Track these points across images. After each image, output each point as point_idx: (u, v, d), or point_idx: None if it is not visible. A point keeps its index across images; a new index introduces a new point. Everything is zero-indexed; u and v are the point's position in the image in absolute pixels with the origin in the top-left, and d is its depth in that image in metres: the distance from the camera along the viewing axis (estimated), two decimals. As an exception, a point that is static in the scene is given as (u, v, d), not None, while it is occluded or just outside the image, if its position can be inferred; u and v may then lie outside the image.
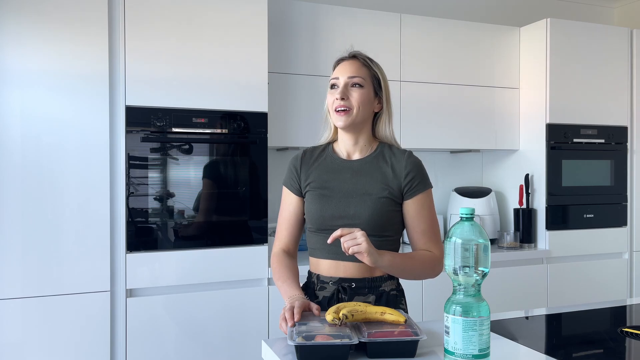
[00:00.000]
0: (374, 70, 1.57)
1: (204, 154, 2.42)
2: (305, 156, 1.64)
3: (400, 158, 1.57)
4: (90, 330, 2.23)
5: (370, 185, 1.54)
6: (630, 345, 1.41)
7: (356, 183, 1.55)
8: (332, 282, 1.54)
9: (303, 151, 1.66)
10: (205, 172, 2.42)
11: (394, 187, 1.54)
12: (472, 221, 1.15)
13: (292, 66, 2.75)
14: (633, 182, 3.31)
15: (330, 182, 1.57)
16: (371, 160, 1.58)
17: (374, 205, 1.51)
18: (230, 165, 2.47)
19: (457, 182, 3.49)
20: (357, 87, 1.53)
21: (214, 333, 2.40)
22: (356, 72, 1.54)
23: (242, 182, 2.48)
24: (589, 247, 3.17)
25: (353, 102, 1.52)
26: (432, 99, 3.04)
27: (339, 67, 1.57)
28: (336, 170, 1.58)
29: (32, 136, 2.16)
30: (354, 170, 1.57)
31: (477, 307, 1.11)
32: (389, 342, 1.21)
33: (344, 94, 1.52)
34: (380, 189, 1.53)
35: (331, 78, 1.58)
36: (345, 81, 1.53)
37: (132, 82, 2.30)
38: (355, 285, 1.53)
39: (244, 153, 2.48)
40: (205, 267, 2.39)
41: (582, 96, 3.17)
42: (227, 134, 2.45)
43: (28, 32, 2.16)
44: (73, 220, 2.21)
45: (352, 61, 1.57)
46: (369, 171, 1.56)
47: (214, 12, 2.43)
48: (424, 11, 3.38)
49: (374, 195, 1.52)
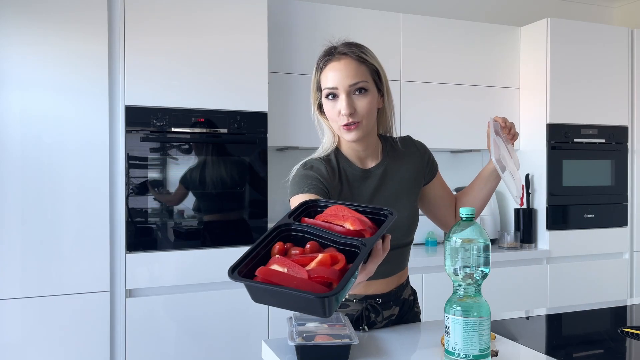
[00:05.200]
0: (371, 63, 1.33)
1: (203, 153, 2.42)
2: (328, 165, 1.37)
3: (411, 148, 1.49)
4: (90, 330, 2.23)
5: (399, 193, 1.44)
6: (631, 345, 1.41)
7: (384, 193, 1.42)
8: (357, 299, 1.42)
9: (318, 162, 1.37)
10: (205, 172, 2.42)
11: (418, 184, 1.49)
12: (472, 221, 1.15)
13: (292, 66, 2.75)
14: (633, 182, 3.31)
15: (358, 197, 1.39)
16: (388, 164, 1.45)
17: (409, 212, 1.44)
18: (230, 165, 2.46)
19: (457, 182, 3.49)
20: (361, 94, 1.31)
21: (213, 333, 2.40)
22: (356, 76, 1.30)
23: (242, 182, 2.47)
24: (589, 247, 3.17)
25: (361, 113, 1.30)
26: (432, 99, 3.04)
27: (333, 73, 1.31)
28: (360, 183, 1.40)
29: (32, 136, 2.16)
30: (377, 179, 1.42)
31: (477, 307, 1.11)
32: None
33: (350, 108, 1.29)
34: (410, 193, 1.46)
35: (325, 87, 1.32)
36: (346, 90, 1.29)
37: (131, 82, 2.29)
38: (381, 301, 1.44)
39: (244, 153, 2.48)
40: (205, 267, 2.39)
41: (582, 96, 3.17)
42: (227, 134, 2.45)
43: (28, 32, 2.15)
44: (73, 220, 2.21)
45: (346, 61, 1.30)
46: (392, 177, 1.44)
47: (214, 12, 2.43)
48: (424, 11, 3.37)
49: (406, 202, 1.44)
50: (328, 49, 1.36)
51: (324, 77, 1.33)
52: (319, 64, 1.36)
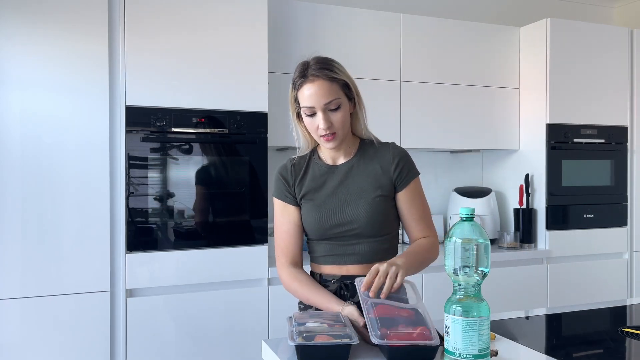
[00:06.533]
0: (341, 79, 1.49)
1: (204, 154, 2.42)
2: (295, 167, 1.61)
3: (385, 152, 1.58)
4: (90, 330, 2.23)
5: (362, 187, 1.54)
6: (630, 345, 1.41)
7: (348, 187, 1.55)
8: (335, 279, 1.56)
9: (290, 162, 1.63)
10: (205, 172, 2.42)
11: (385, 182, 1.55)
12: (472, 221, 1.15)
13: (292, 66, 2.72)
14: (633, 182, 3.31)
15: (321, 190, 1.56)
16: (357, 161, 1.58)
17: (370, 206, 1.52)
18: (230, 165, 2.46)
19: (457, 182, 3.49)
20: (335, 111, 1.48)
21: (214, 333, 2.40)
22: (328, 95, 1.46)
23: (242, 182, 2.48)
24: (589, 247, 3.17)
25: (337, 125, 1.49)
26: (432, 99, 3.04)
27: (308, 94, 1.47)
28: (325, 178, 1.58)
29: (32, 136, 2.16)
30: (342, 174, 1.57)
31: (477, 307, 1.11)
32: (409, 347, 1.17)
33: (327, 123, 1.47)
34: (373, 188, 1.54)
35: (304, 106, 1.49)
36: (322, 108, 1.47)
37: (132, 82, 2.30)
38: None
39: (244, 153, 2.48)
40: (205, 267, 2.39)
41: (582, 96, 3.17)
42: (227, 134, 2.45)
43: (28, 32, 2.15)
44: (73, 220, 2.21)
45: (319, 83, 1.46)
46: (357, 172, 1.56)
47: (214, 12, 2.43)
48: (424, 11, 3.38)
49: (367, 196, 1.53)
50: (301, 70, 1.51)
51: (301, 95, 1.50)
52: (295, 82, 1.52)
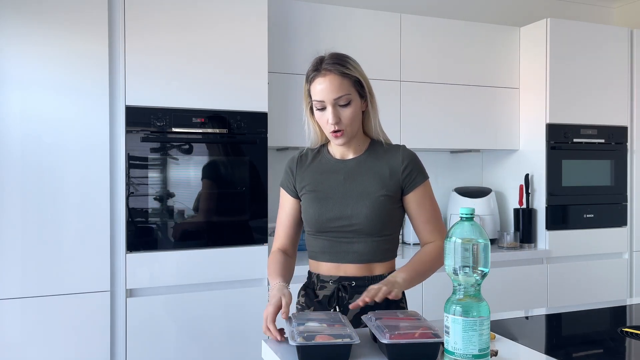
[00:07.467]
0: (353, 75, 1.50)
1: (204, 154, 2.42)
2: (302, 158, 1.64)
3: (395, 153, 1.57)
4: (90, 330, 2.23)
5: (367, 185, 1.54)
6: (630, 345, 1.41)
7: (352, 183, 1.55)
8: (332, 281, 1.56)
9: (299, 153, 1.66)
10: (205, 172, 2.42)
11: (392, 184, 1.54)
12: (472, 221, 1.15)
13: (292, 66, 2.75)
14: (633, 182, 3.31)
15: (325, 183, 1.57)
16: (365, 158, 1.58)
17: (372, 204, 1.52)
18: (230, 165, 2.47)
19: (457, 182, 3.49)
20: (345, 107, 1.49)
21: (214, 333, 2.40)
22: (339, 90, 1.47)
23: (242, 182, 2.48)
24: (589, 247, 3.17)
25: (345, 122, 1.49)
26: (432, 99, 3.04)
27: (319, 89, 1.48)
28: (331, 172, 1.58)
29: (32, 136, 2.16)
30: (349, 170, 1.57)
31: (477, 307, 1.11)
32: (411, 344, 1.18)
33: (336, 118, 1.48)
34: (378, 187, 1.54)
35: (315, 100, 1.50)
36: (332, 103, 1.48)
37: (132, 82, 2.30)
38: (355, 284, 1.54)
39: (244, 153, 2.48)
40: (205, 267, 2.39)
41: (581, 96, 3.17)
42: (227, 134, 2.45)
43: (28, 32, 2.16)
44: (73, 220, 2.21)
45: (330, 77, 1.47)
46: (364, 170, 1.56)
47: (214, 12, 2.43)
48: (424, 11, 3.38)
49: (371, 194, 1.53)
50: (315, 63, 1.52)
51: (313, 89, 1.51)
52: (308, 76, 1.53)
